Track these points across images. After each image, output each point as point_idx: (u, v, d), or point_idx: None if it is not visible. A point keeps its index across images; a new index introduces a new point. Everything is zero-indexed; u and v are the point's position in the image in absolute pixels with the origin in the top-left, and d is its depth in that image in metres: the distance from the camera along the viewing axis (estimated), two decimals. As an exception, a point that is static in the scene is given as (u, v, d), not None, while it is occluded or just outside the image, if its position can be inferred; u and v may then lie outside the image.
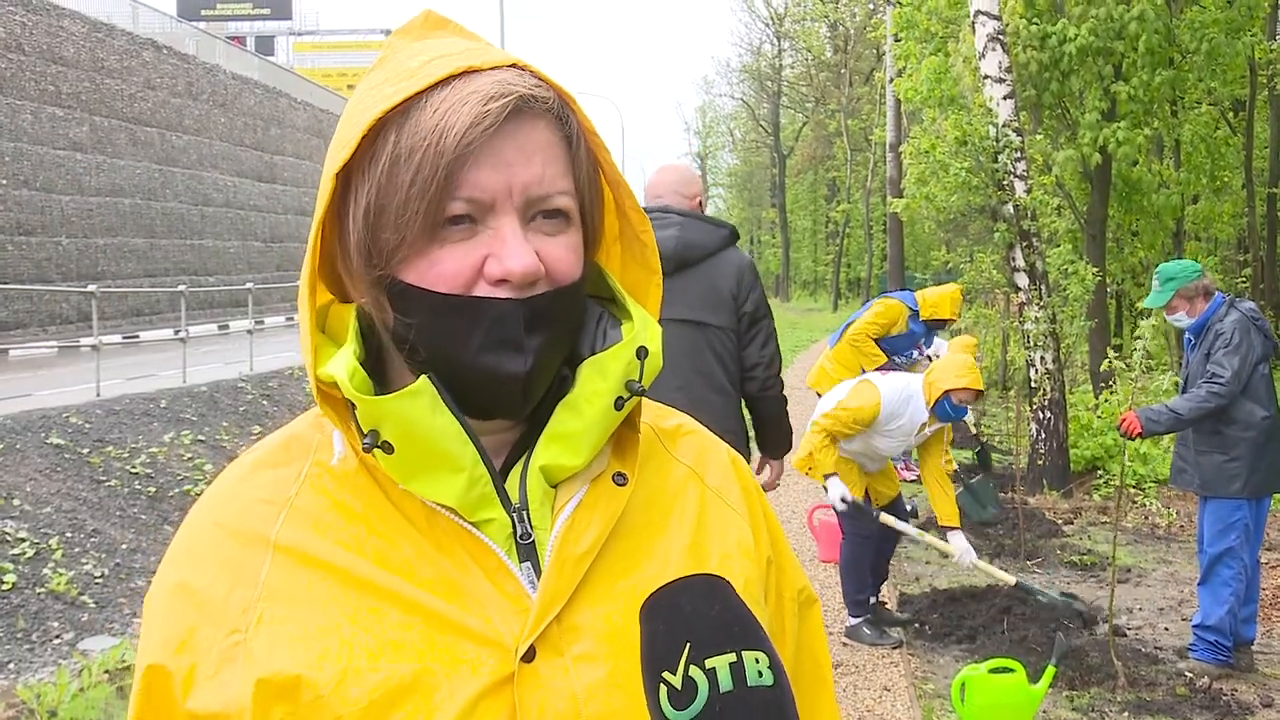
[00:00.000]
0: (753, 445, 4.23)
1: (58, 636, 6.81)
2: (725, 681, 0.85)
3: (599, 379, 0.90)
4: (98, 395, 11.86)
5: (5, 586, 7.08)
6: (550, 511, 0.90)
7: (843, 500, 5.44)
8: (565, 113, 0.89)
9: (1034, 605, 5.74)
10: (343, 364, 0.86)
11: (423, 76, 0.85)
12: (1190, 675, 5.09)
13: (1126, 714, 4.69)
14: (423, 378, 0.85)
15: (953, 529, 5.63)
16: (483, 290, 0.85)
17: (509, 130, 0.85)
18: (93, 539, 8.27)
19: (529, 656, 0.84)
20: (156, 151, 27.39)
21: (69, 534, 8.17)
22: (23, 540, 7.71)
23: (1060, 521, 8.30)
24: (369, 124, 0.84)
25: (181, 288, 16.59)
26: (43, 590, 7.21)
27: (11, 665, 6.32)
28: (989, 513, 7.05)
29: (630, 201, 0.95)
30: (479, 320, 0.85)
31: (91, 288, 14.32)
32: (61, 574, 7.42)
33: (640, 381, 0.92)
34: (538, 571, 0.87)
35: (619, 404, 0.91)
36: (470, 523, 0.87)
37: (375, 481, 0.90)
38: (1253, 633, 5.35)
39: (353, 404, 0.86)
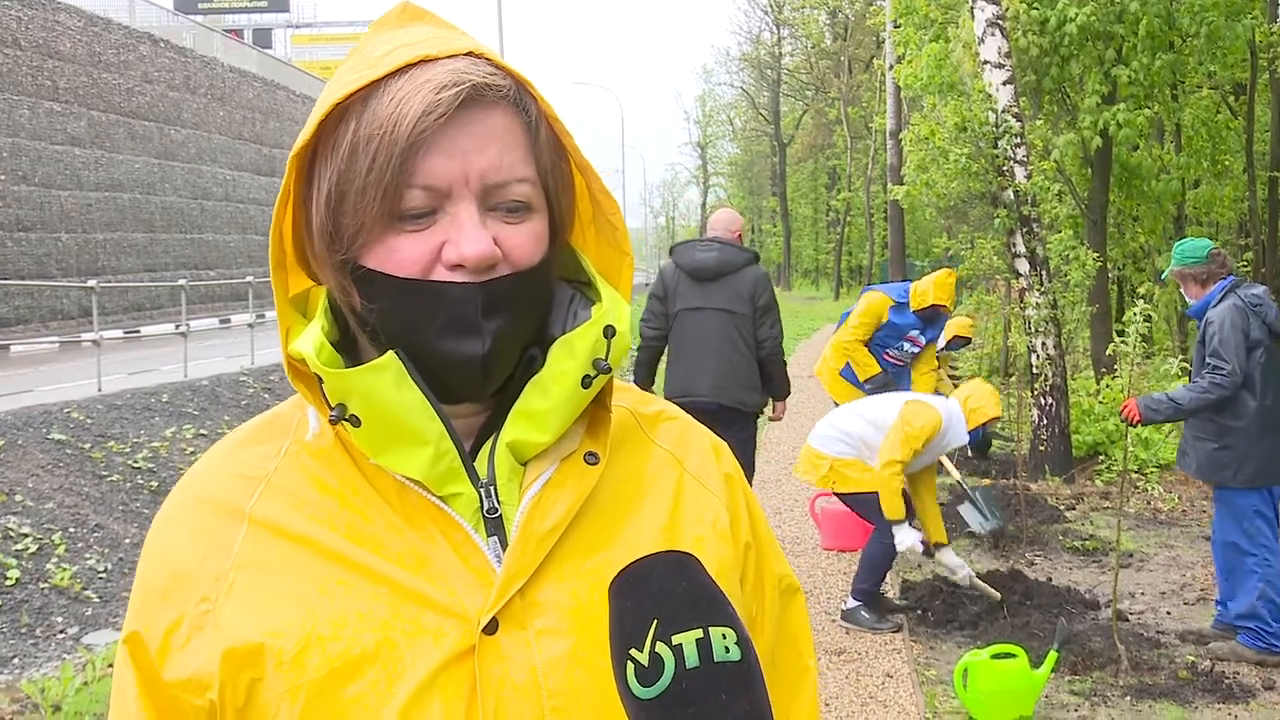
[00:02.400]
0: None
1: (61, 631, 6.82)
2: (691, 658, 0.84)
3: (567, 358, 0.91)
4: (99, 390, 11.86)
5: (9, 582, 7.09)
6: (519, 488, 0.91)
7: (912, 551, 5.56)
8: (524, 99, 0.90)
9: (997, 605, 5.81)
10: (310, 339, 0.89)
11: (382, 65, 0.87)
12: (1199, 657, 5.08)
13: (1129, 698, 4.69)
14: (390, 353, 0.87)
15: (942, 546, 5.81)
16: (440, 275, 0.87)
17: (464, 118, 0.86)
18: (95, 534, 8.28)
19: (491, 629, 0.85)
20: (155, 146, 27.37)
21: (72, 529, 8.18)
22: (25, 536, 7.72)
23: (1062, 507, 8.30)
24: (327, 109, 0.86)
25: (182, 282, 16.60)
26: (46, 585, 7.22)
27: (16, 660, 6.33)
28: (993, 523, 7.00)
29: (599, 186, 0.96)
30: (437, 304, 0.87)
31: (92, 283, 14.33)
32: (65, 569, 7.43)
33: (607, 360, 0.93)
34: (504, 546, 0.89)
35: (586, 382, 0.92)
36: (438, 497, 0.89)
37: (350, 456, 0.92)
38: None
39: (321, 378, 0.88)
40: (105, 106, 25.13)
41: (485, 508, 0.89)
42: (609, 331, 0.93)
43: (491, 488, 0.90)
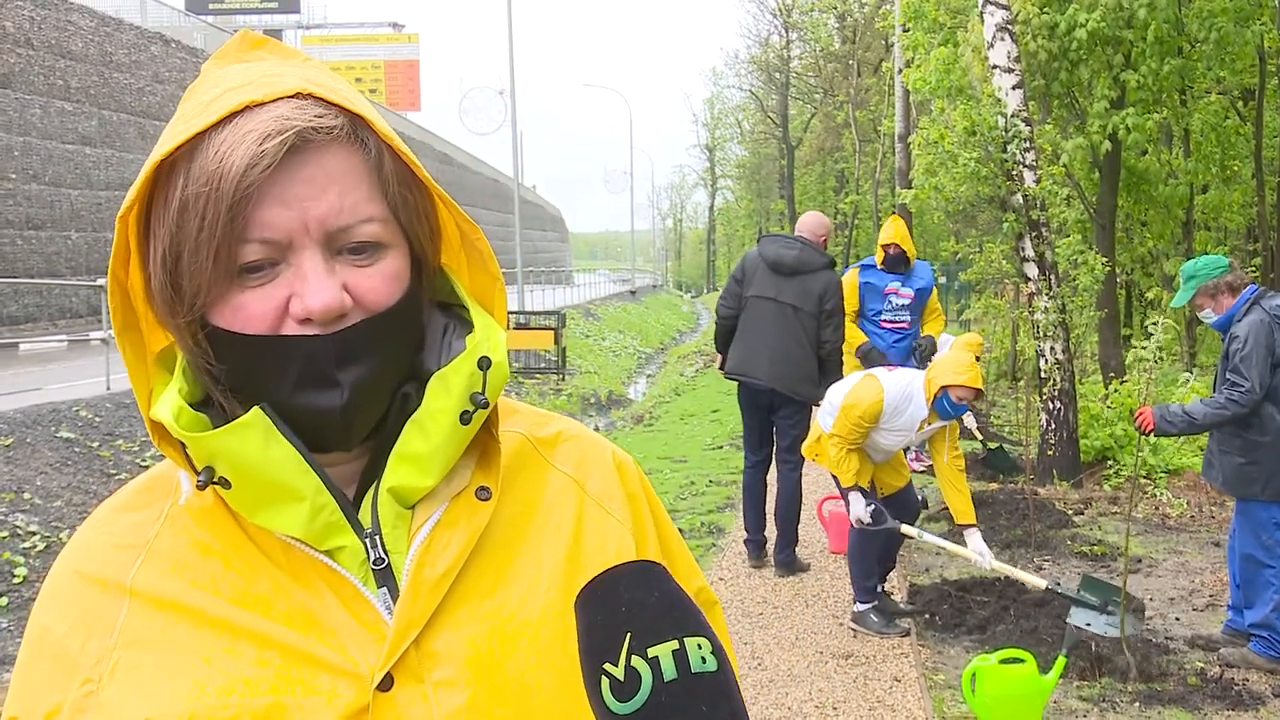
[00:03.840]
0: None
1: (70, 629, 6.84)
2: (669, 670, 0.80)
3: (443, 395, 0.89)
4: (108, 389, 11.89)
5: (16, 580, 7.11)
6: (408, 533, 0.88)
7: (859, 521, 5.46)
8: (362, 134, 0.86)
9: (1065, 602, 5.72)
10: (168, 405, 0.85)
11: (207, 114, 0.83)
12: (1208, 664, 5.07)
13: (1137, 704, 4.68)
14: (255, 409, 0.84)
15: (969, 527, 5.49)
16: (290, 329, 0.84)
17: (294, 165, 0.82)
18: (104, 532, 8.30)
19: (386, 685, 0.83)
20: (165, 146, 27.45)
21: (79, 527, 8.20)
22: (34, 534, 7.74)
23: (1070, 512, 8.28)
24: (153, 166, 0.83)
25: (190, 281, 16.62)
26: (55, 583, 7.25)
27: (24, 658, 6.36)
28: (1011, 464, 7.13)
29: (459, 213, 0.92)
30: (289, 360, 0.84)
31: (101, 282, 14.36)
32: (73, 567, 7.45)
33: (484, 394, 0.90)
34: (395, 597, 0.86)
35: (465, 419, 0.89)
36: (322, 552, 0.86)
37: (231, 516, 0.88)
38: None
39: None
40: (116, 106, 25.21)
41: (372, 558, 0.87)
42: (484, 363, 0.90)
43: (377, 537, 0.87)
